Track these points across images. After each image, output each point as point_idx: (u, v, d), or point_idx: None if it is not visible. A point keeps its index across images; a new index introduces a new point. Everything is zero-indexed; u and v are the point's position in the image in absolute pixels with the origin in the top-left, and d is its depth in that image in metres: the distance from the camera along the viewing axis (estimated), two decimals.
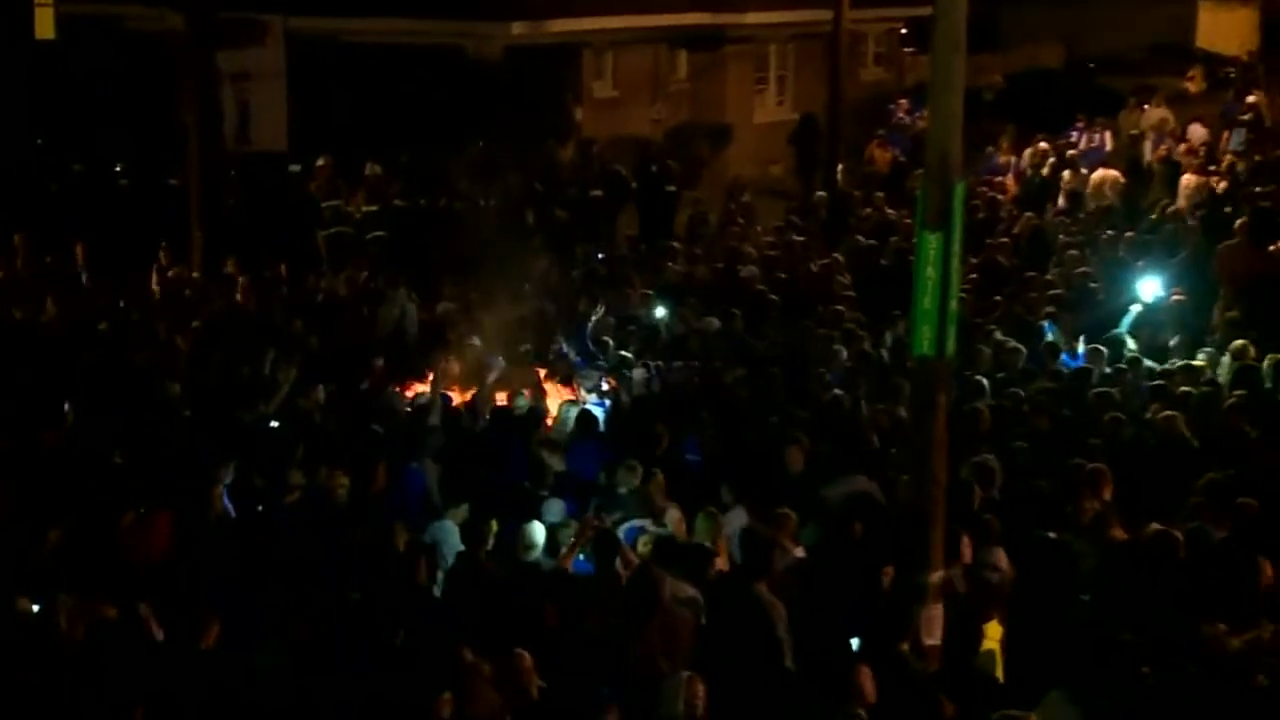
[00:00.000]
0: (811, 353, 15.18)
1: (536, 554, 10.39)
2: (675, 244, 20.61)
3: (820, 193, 24.31)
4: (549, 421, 13.53)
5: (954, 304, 8.81)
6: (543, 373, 14.95)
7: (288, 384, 13.80)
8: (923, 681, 8.63)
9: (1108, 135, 26.45)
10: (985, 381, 13.61)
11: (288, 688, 8.80)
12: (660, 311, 16.63)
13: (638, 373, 14.76)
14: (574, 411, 13.50)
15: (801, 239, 20.51)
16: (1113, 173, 23.50)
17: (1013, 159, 25.27)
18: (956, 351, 9.39)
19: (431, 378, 14.58)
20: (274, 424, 13.34)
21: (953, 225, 8.72)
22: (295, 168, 22.86)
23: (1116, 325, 15.63)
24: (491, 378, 14.16)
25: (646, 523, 11.07)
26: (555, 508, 11.20)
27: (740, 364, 14.76)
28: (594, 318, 16.39)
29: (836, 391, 13.60)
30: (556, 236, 21.25)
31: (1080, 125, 26.89)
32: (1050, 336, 15.37)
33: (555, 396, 14.37)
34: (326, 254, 20.13)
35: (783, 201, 25.13)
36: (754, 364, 14.83)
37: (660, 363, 14.91)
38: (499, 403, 13.90)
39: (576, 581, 10.15)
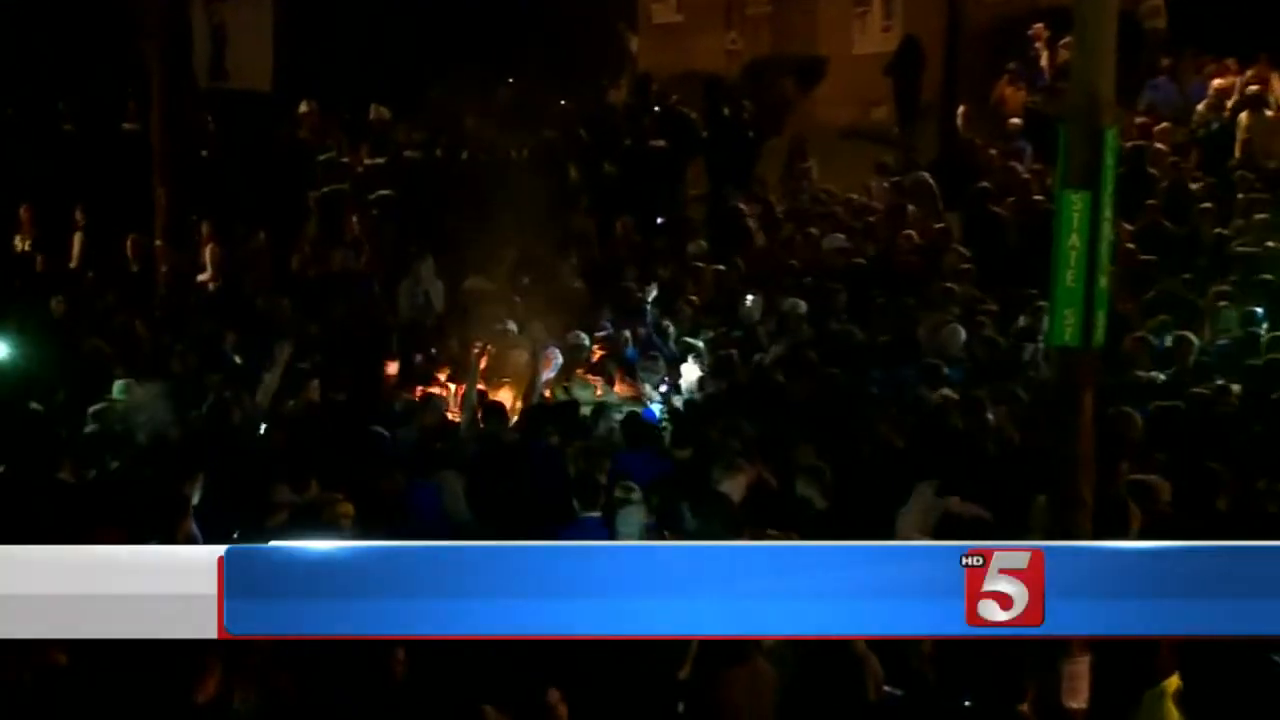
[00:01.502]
0: (921, 341, 15.24)
1: None
2: (742, 206, 20.66)
3: None
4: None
5: (1104, 281, 8.78)
6: (598, 355, 15.05)
7: (279, 377, 13.91)
8: None
9: None
10: (1161, 377, 13.62)
11: None
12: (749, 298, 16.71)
13: (688, 369, 14.80)
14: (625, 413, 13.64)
15: (908, 200, 20.54)
16: None
17: (1236, 80, 25.10)
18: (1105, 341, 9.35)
19: (450, 371, 14.69)
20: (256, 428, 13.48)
21: (1102, 182, 8.70)
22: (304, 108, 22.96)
23: None
24: (548, 372, 14.28)
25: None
26: (632, 520, 11.29)
27: (836, 355, 14.81)
28: (651, 297, 16.46)
29: (946, 392, 13.63)
30: (606, 196, 21.32)
31: None
32: (1265, 326, 15.36)
33: (602, 392, 14.48)
34: (320, 217, 20.28)
35: (889, 152, 25.11)
36: (851, 355, 14.88)
37: (735, 352, 14.95)
38: (542, 400, 14.05)
39: None
